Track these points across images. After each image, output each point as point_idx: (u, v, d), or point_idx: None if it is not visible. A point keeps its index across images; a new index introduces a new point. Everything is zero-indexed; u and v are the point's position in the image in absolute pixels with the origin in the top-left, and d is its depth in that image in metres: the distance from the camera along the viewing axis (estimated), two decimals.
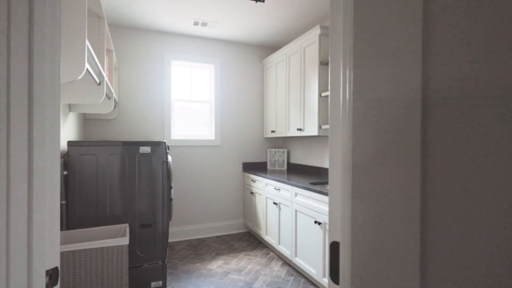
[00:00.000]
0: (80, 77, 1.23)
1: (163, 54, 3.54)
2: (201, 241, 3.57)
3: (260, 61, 4.04)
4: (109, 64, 2.63)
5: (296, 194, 2.65)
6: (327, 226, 2.24)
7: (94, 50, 1.93)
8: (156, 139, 3.52)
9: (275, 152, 3.97)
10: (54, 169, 0.75)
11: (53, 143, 0.72)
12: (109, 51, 2.58)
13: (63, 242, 1.87)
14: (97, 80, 1.78)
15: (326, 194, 2.20)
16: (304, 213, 2.53)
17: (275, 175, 3.28)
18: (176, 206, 3.62)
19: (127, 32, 3.37)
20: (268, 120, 3.91)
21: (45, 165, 0.69)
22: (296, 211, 2.65)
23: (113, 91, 2.49)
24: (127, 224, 2.04)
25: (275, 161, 3.98)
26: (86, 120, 3.21)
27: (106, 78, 2.03)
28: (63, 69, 1.22)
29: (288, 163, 3.98)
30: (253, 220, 3.63)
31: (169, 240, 3.57)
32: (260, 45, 4.00)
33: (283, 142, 4.18)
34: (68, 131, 2.38)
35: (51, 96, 0.71)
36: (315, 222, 2.33)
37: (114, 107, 3.25)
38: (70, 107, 2.42)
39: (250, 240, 3.61)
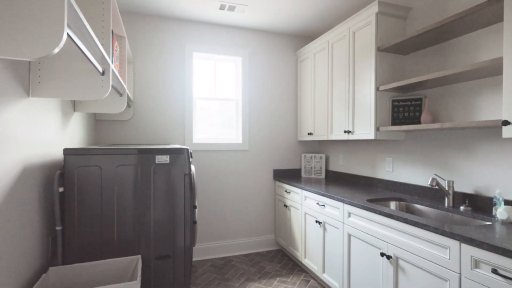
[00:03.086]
0: (57, 49, 0.77)
1: (183, 45, 3.08)
2: (227, 261, 3.08)
3: (294, 53, 3.50)
4: (121, 53, 2.19)
5: (349, 214, 2.10)
6: (400, 262, 1.67)
7: (95, 30, 1.48)
8: (176, 143, 3.06)
9: (311, 157, 3.42)
10: None
11: None
12: (120, 37, 2.14)
13: (57, 282, 1.43)
14: (100, 68, 1.32)
15: (401, 219, 1.63)
16: (362, 239, 1.97)
17: (312, 185, 2.73)
18: (198, 220, 3.15)
19: (142, 19, 2.94)
20: (303, 121, 3.37)
21: None
22: (349, 235, 2.10)
23: (125, 86, 2.04)
24: (139, 256, 1.57)
25: (311, 168, 3.43)
26: (97, 122, 2.80)
27: (113, 68, 1.58)
28: (28, 38, 0.75)
29: (327, 171, 3.42)
30: (287, 238, 3.10)
31: None
32: (294, 34, 3.46)
33: (320, 146, 3.61)
34: (72, 134, 1.96)
35: None
36: (382, 254, 1.76)
37: (129, 106, 2.83)
38: (75, 106, 1.99)
39: (284, 261, 3.08)
